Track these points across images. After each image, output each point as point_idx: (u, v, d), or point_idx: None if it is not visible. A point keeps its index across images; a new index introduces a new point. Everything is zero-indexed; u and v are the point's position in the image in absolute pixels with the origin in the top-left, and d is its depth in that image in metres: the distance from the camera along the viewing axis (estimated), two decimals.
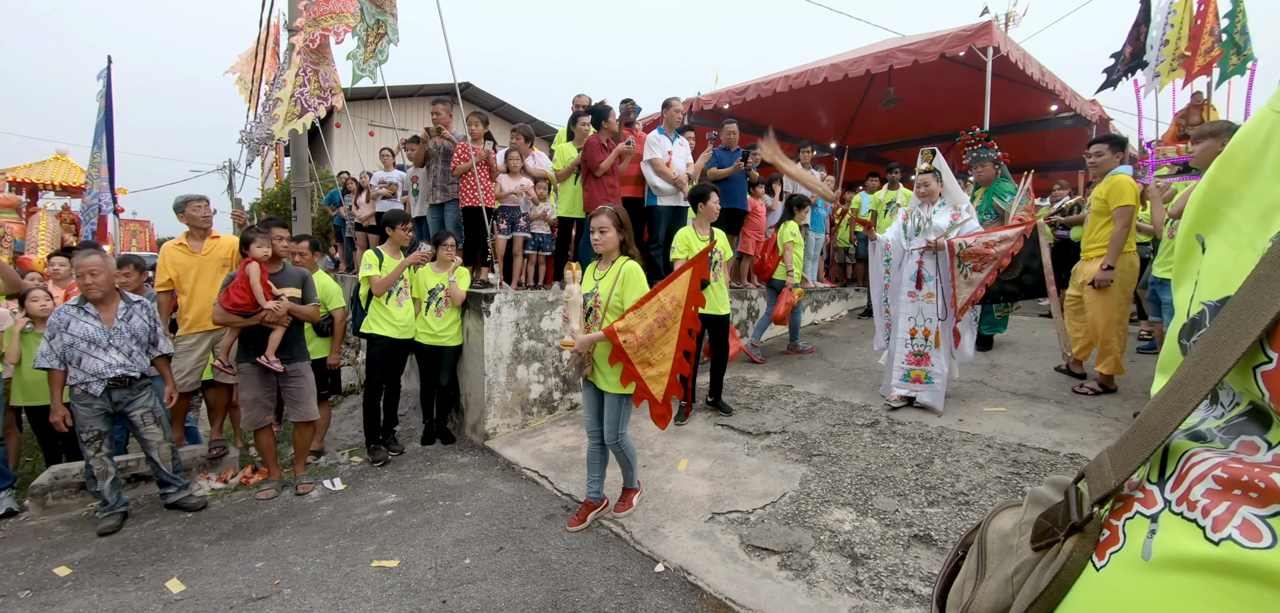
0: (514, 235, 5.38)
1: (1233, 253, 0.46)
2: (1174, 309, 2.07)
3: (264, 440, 4.12)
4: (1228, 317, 0.41)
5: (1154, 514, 0.44)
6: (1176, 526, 0.42)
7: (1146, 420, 0.46)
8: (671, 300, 3.00)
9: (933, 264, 4.23)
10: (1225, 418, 0.44)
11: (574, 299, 3.13)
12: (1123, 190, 3.99)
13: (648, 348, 2.94)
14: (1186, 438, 0.46)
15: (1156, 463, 0.47)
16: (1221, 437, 0.43)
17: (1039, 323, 6.71)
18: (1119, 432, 3.62)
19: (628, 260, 3.08)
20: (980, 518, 2.46)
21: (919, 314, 4.30)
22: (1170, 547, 0.41)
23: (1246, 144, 0.47)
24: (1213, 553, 0.38)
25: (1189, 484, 0.42)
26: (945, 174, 4.32)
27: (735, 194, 6.25)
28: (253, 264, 3.84)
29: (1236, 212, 0.47)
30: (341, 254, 9.23)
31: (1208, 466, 0.41)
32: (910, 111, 10.01)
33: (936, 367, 4.25)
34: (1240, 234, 0.45)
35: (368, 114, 14.67)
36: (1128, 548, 0.45)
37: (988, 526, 0.62)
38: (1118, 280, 4.10)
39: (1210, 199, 0.50)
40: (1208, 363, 0.41)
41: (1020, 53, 7.65)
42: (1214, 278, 0.47)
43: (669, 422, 3.13)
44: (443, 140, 5.31)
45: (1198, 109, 5.71)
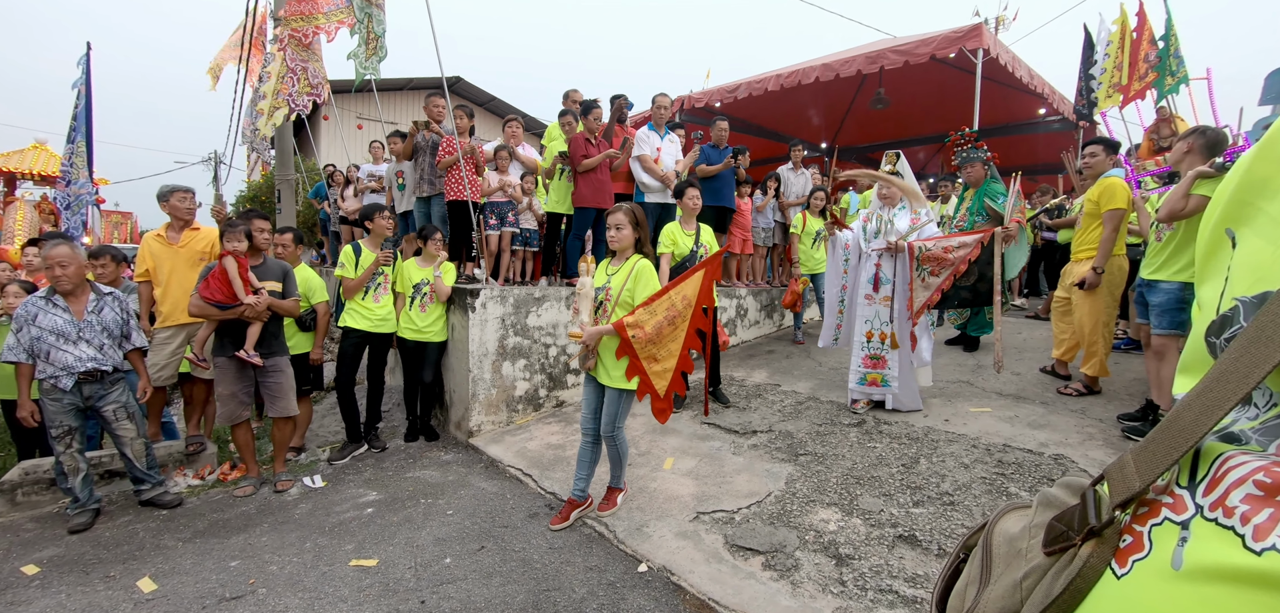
0: (502, 231, 5.32)
1: (1270, 247, 0.43)
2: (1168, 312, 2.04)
3: (241, 436, 4.04)
4: (1271, 313, 0.38)
5: (1184, 521, 0.41)
6: (1211, 533, 0.39)
7: (1177, 421, 0.42)
8: (682, 299, 3.01)
9: (891, 267, 4.24)
10: (1261, 419, 0.42)
11: (585, 291, 3.13)
12: (1114, 193, 4.00)
13: (655, 344, 2.96)
14: (1219, 440, 0.43)
15: (1186, 466, 0.44)
16: (1258, 439, 0.41)
17: (1025, 324, 6.75)
18: (1103, 433, 3.65)
19: (641, 258, 3.11)
20: (966, 519, 2.42)
21: (876, 317, 4.30)
22: (1204, 556, 0.38)
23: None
24: (1253, 563, 0.35)
25: (1226, 489, 0.39)
26: (908, 177, 4.33)
27: (723, 192, 6.22)
28: (230, 257, 3.76)
29: (1273, 204, 0.44)
30: (327, 248, 9.12)
31: (1248, 470, 0.39)
32: (900, 112, 10.05)
33: (892, 370, 4.24)
34: (1277, 228, 0.43)
35: (355, 107, 14.51)
36: (1155, 556, 0.42)
37: (993, 528, 0.59)
38: (1105, 283, 4.11)
39: (1243, 192, 0.47)
40: (1248, 360, 0.39)
41: (1010, 56, 7.68)
42: (1249, 273, 0.44)
43: (669, 417, 3.13)
44: (431, 134, 5.23)
45: (1166, 122, 5.87)
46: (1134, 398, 4.16)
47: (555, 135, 5.87)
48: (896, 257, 4.18)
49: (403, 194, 5.92)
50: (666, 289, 3.00)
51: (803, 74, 8.39)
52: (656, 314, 2.94)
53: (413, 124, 5.34)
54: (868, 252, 4.31)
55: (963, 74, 7.63)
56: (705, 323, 3.09)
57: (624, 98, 5.87)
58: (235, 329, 3.85)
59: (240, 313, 3.77)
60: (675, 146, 5.84)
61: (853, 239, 4.48)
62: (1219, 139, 3.38)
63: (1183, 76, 5.67)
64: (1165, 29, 5.59)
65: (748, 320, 6.94)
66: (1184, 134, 3.55)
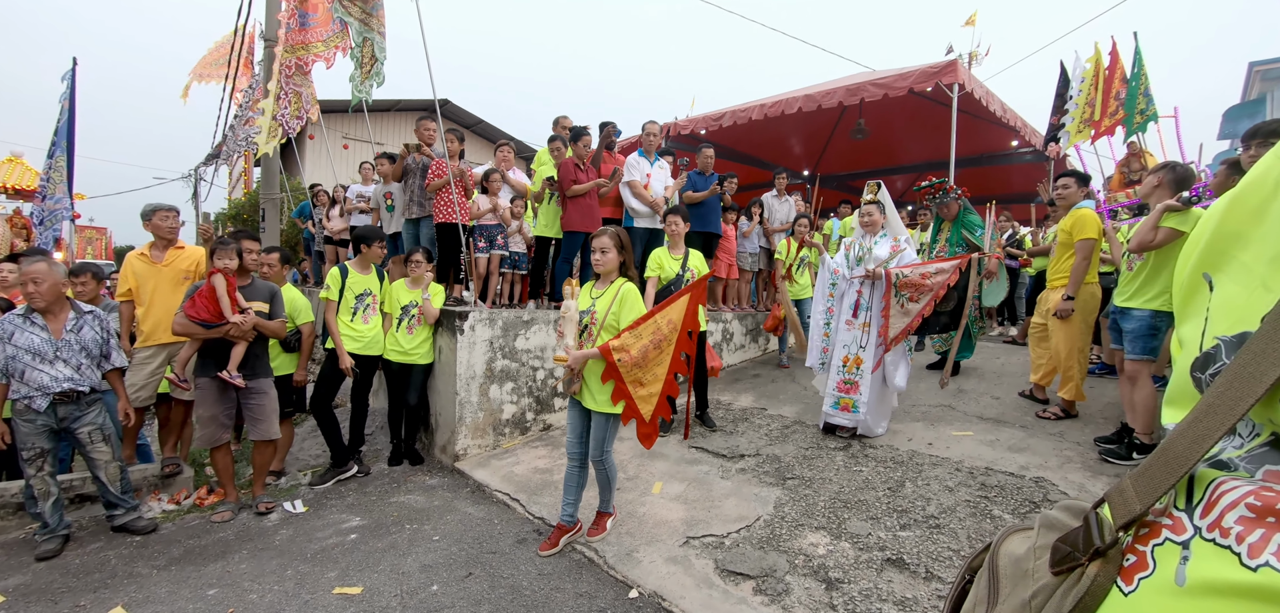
0: (491, 253, 5.32)
1: (1244, 292, 0.47)
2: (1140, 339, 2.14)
3: (220, 460, 3.95)
4: (1251, 352, 0.42)
5: (1184, 541, 0.44)
6: (1209, 552, 0.42)
7: (1171, 448, 0.46)
8: (668, 324, 3.02)
9: (869, 293, 4.32)
10: (1246, 448, 0.45)
11: (570, 315, 3.13)
12: (1086, 224, 4.15)
13: (641, 368, 2.96)
14: (1211, 467, 0.46)
15: (1182, 490, 0.47)
16: (1245, 466, 0.44)
17: (1003, 350, 6.90)
18: (1081, 456, 3.74)
19: (626, 282, 3.12)
20: (952, 542, 2.47)
21: (854, 342, 4.37)
22: (1205, 573, 0.41)
23: (1256, 188, 0.49)
24: (1250, 579, 0.38)
25: (1221, 512, 0.42)
26: (888, 207, 4.45)
27: (709, 218, 6.31)
28: (219, 275, 3.72)
29: (1246, 253, 0.48)
30: (310, 268, 9.01)
31: (1240, 494, 0.42)
32: (880, 142, 10.30)
33: (863, 395, 4.29)
34: (1252, 275, 0.47)
35: (342, 127, 14.46)
36: (1159, 574, 0.45)
37: (998, 549, 0.61)
38: (1079, 310, 4.25)
39: (1218, 240, 0.52)
40: (1232, 394, 0.42)
41: (983, 90, 7.95)
42: (1227, 314, 0.48)
43: (654, 441, 3.12)
44: (422, 157, 5.25)
45: (1136, 157, 6.13)
46: (1109, 422, 4.27)
47: (544, 160, 5.92)
48: (875, 283, 4.26)
49: (392, 215, 5.91)
50: (652, 313, 3.01)
51: (786, 104, 8.58)
52: (642, 338, 2.95)
53: (403, 146, 5.36)
54: (851, 278, 4.39)
55: (939, 107, 7.88)
56: (690, 347, 3.09)
57: (612, 125, 5.96)
58: (219, 350, 3.79)
59: (225, 332, 3.71)
60: (664, 172, 5.93)
61: (840, 264, 4.56)
62: (1187, 175, 3.54)
63: (1152, 114, 5.92)
64: (1135, 68, 5.86)
65: (733, 344, 6.99)
66: (1154, 169, 3.71)
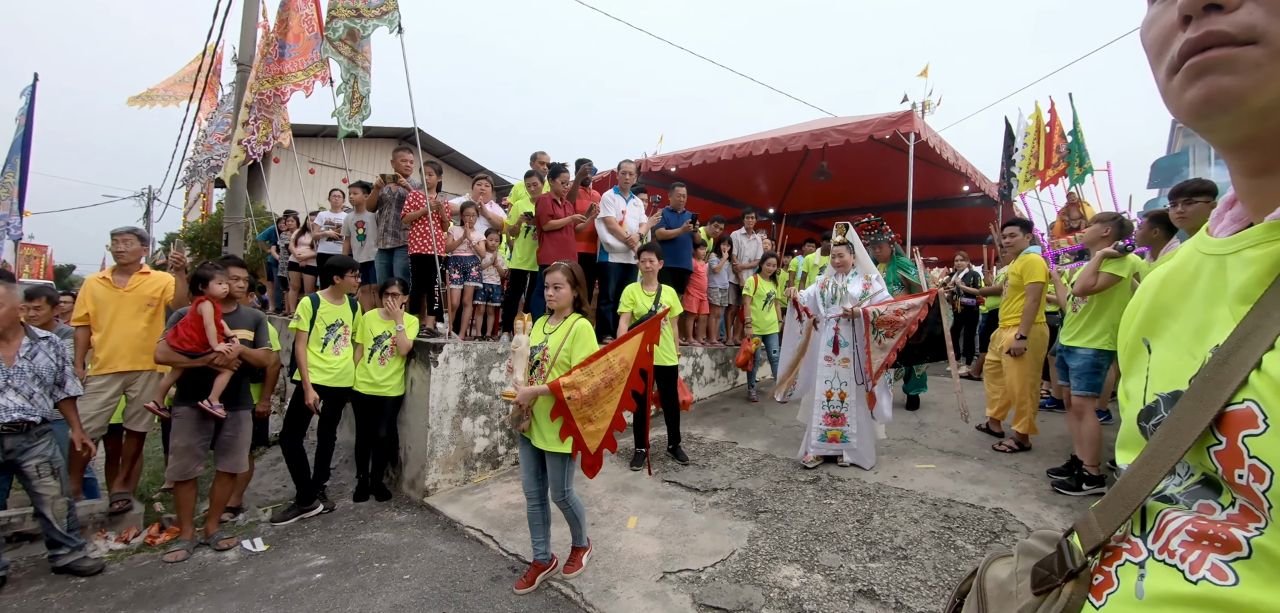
0: (465, 285, 5.31)
1: (1175, 357, 0.57)
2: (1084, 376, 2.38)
3: (184, 494, 3.78)
4: (1183, 408, 0.51)
5: (1141, 562, 0.52)
6: (1161, 570, 0.50)
7: (1125, 487, 0.55)
8: (620, 362, 3.02)
9: (848, 330, 4.50)
10: (1184, 485, 0.53)
11: (521, 349, 3.09)
12: (1034, 268, 4.45)
13: (591, 405, 2.94)
14: (1158, 500, 0.55)
15: (1137, 520, 0.56)
16: (1184, 500, 0.52)
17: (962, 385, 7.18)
18: (1035, 487, 3.93)
19: (580, 318, 3.10)
20: (919, 572, 2.59)
21: (835, 377, 4.52)
22: (1158, 587, 0.49)
23: (1180, 272, 0.60)
24: (1192, 591, 0.46)
25: (1167, 537, 0.51)
26: (857, 247, 4.66)
27: (681, 254, 6.45)
28: (206, 303, 3.63)
29: (1176, 324, 0.58)
30: (271, 294, 8.76)
31: (1180, 523, 0.50)
32: (841, 184, 10.74)
33: (852, 426, 4.46)
34: (1180, 343, 0.57)
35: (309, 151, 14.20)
36: (1122, 590, 0.53)
37: (984, 574, 0.69)
38: (1030, 348, 4.51)
39: (1154, 312, 0.62)
40: (1170, 443, 0.51)
41: (937, 139, 8.42)
42: (1163, 375, 0.58)
43: (598, 471, 3.10)
44: (399, 187, 5.24)
45: (1075, 206, 6.63)
46: (1060, 454, 4.51)
47: (520, 195, 5.98)
48: (853, 321, 4.44)
49: (362, 245, 5.84)
50: (605, 351, 3.00)
51: (754, 145, 8.90)
52: (594, 376, 2.93)
53: (381, 176, 5.34)
54: (826, 317, 4.55)
55: (897, 153, 8.30)
56: (640, 384, 3.12)
57: (588, 162, 6.08)
58: (200, 378, 3.68)
59: (209, 361, 3.61)
60: (639, 209, 6.05)
61: (810, 300, 4.73)
62: (1127, 226, 3.88)
63: (1088, 168, 6.44)
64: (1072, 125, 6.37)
65: (704, 378, 7.09)
66: (1100, 217, 4.03)
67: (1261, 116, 0.47)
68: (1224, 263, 0.53)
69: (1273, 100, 0.46)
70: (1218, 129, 0.51)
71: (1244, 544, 0.44)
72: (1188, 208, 3.42)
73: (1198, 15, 0.48)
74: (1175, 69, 0.50)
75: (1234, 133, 0.50)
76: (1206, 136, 0.53)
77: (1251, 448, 0.44)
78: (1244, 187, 0.53)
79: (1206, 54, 0.47)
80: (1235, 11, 0.46)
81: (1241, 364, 0.46)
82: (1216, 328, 0.51)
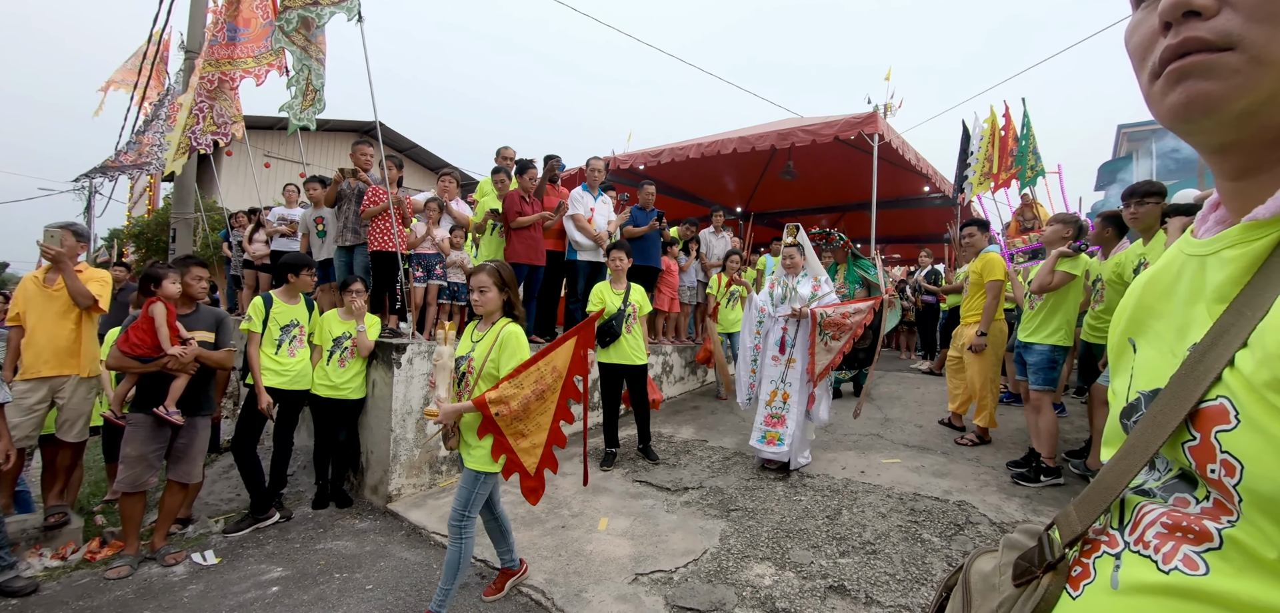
0: (428, 283, 5.17)
1: (1158, 356, 0.58)
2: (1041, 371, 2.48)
3: (131, 507, 3.56)
4: (1160, 404, 0.52)
5: (1117, 553, 0.53)
6: (1135, 561, 0.51)
7: (1103, 480, 0.56)
8: (552, 371, 2.75)
9: (794, 330, 4.49)
10: (1161, 480, 0.54)
11: (443, 363, 2.83)
12: (993, 267, 4.57)
13: (523, 420, 2.68)
14: (1135, 494, 0.56)
15: (1115, 512, 0.57)
16: (1161, 494, 0.53)
17: (924, 380, 7.37)
18: (996, 479, 4.04)
19: (510, 323, 2.80)
20: (887, 566, 2.63)
21: (780, 378, 4.51)
22: (1133, 578, 0.50)
23: (1164, 274, 0.61)
24: (1165, 581, 0.47)
25: (1142, 529, 0.52)
26: (807, 248, 4.67)
27: (649, 252, 6.43)
28: (158, 304, 3.42)
29: (1159, 324, 0.60)
30: (224, 292, 8.39)
31: (1155, 515, 0.51)
32: (807, 184, 10.89)
33: (790, 427, 4.39)
34: (1163, 342, 0.58)
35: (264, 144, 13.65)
36: (1098, 580, 0.53)
37: (970, 568, 0.70)
38: (990, 345, 4.64)
39: (1139, 312, 0.63)
40: (1147, 438, 0.52)
41: (899, 141, 8.61)
42: (1146, 373, 0.59)
43: (540, 496, 2.82)
44: (358, 182, 5.06)
45: (1029, 207, 6.87)
46: (1019, 446, 4.65)
47: (487, 191, 5.85)
48: (800, 322, 4.44)
49: (322, 242, 5.63)
50: (535, 359, 2.71)
51: (721, 144, 8.93)
52: (524, 388, 2.64)
53: (339, 171, 5.15)
54: (775, 317, 4.55)
55: (861, 153, 8.45)
56: (577, 394, 2.87)
57: (557, 158, 6.00)
58: (157, 384, 3.47)
59: (163, 365, 3.41)
60: (608, 207, 6.00)
61: (763, 302, 4.71)
62: (1083, 227, 4.03)
63: (1040, 170, 6.69)
64: (1024, 129, 6.60)
65: (673, 377, 7.09)
66: (1059, 218, 4.18)
67: (1240, 121, 0.48)
68: (1204, 263, 0.54)
69: (1250, 105, 0.47)
70: (1198, 133, 0.52)
71: (1215, 536, 0.45)
72: (1140, 209, 3.56)
73: (1177, 22, 0.49)
74: (1157, 74, 0.52)
75: (1214, 137, 0.51)
76: (1188, 140, 0.54)
77: (1223, 443, 0.45)
78: (1226, 189, 0.55)
79: (1186, 60, 0.49)
80: (1213, 18, 0.47)
81: (1216, 361, 0.47)
82: (1195, 327, 0.53)
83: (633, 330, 4.68)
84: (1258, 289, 0.47)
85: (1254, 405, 0.42)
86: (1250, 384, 0.43)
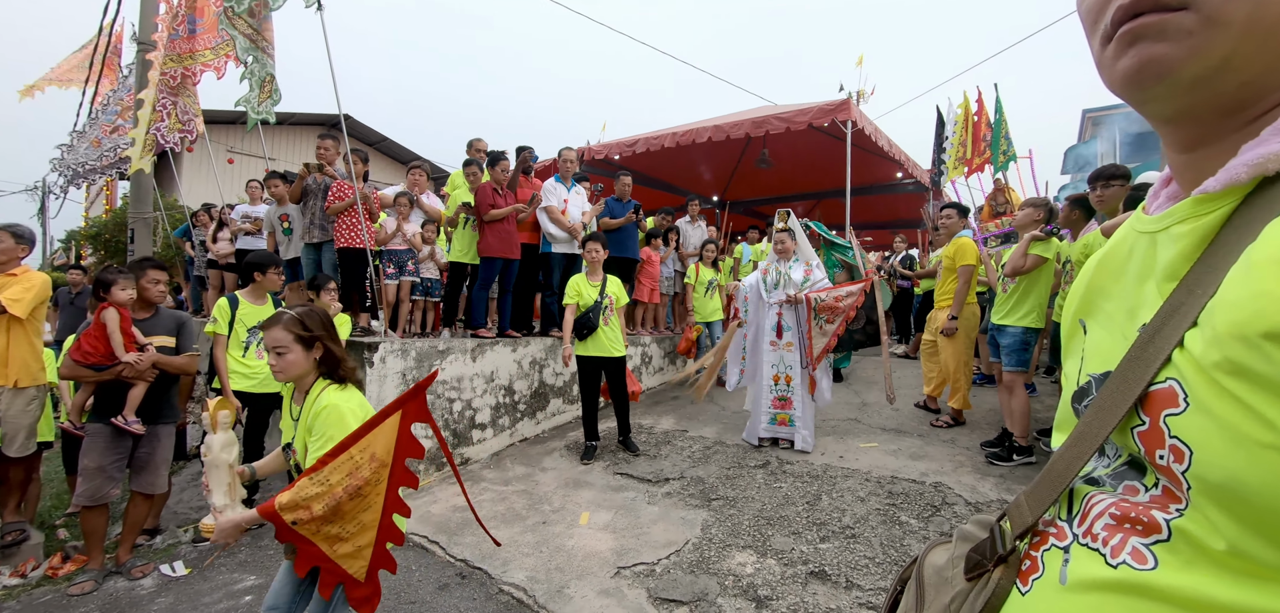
0: (401, 280, 5.06)
1: (1108, 337, 0.56)
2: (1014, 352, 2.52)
3: (93, 521, 3.41)
4: (1110, 388, 0.50)
5: (1066, 546, 0.52)
6: (1084, 555, 0.49)
7: (1053, 469, 0.54)
8: (372, 460, 1.96)
9: (791, 315, 4.60)
10: (1111, 467, 0.53)
11: (215, 460, 2.04)
12: (966, 252, 4.64)
13: (335, 522, 1.95)
14: (1085, 483, 0.54)
15: (1064, 503, 0.55)
16: (1110, 482, 0.52)
17: (899, 364, 7.48)
18: (971, 460, 4.11)
19: (329, 387, 2.05)
20: (867, 550, 2.64)
21: (780, 362, 4.63)
22: (1081, 572, 0.48)
23: (1116, 253, 0.59)
24: (1113, 575, 0.46)
25: (1091, 521, 0.50)
26: (798, 233, 4.76)
27: (627, 243, 6.40)
28: (110, 310, 3.27)
29: (1109, 305, 0.58)
30: (188, 294, 8.12)
31: (1104, 505, 0.50)
32: (782, 172, 10.94)
33: (798, 410, 4.57)
34: (1114, 323, 0.56)
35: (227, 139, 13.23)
36: (1047, 575, 0.52)
37: (923, 561, 0.68)
38: (962, 328, 4.72)
39: (1090, 293, 0.62)
40: (1097, 423, 0.50)
41: (872, 127, 8.68)
42: (1096, 356, 0.57)
43: (376, 606, 2.08)
44: (324, 177, 4.92)
45: (1001, 191, 7.02)
46: (992, 427, 4.75)
47: (459, 184, 5.75)
48: (796, 307, 4.51)
49: (288, 239, 5.46)
50: (346, 444, 1.93)
51: (697, 133, 8.91)
52: (332, 483, 1.90)
53: (304, 166, 4.99)
54: (769, 302, 4.61)
55: (835, 140, 8.50)
56: (413, 480, 2.08)
57: (529, 150, 5.91)
58: (114, 392, 3.33)
59: (118, 374, 3.27)
60: (581, 198, 5.94)
61: (751, 288, 4.77)
62: (1053, 211, 4.11)
63: (1012, 155, 6.80)
64: (996, 114, 6.70)
65: (652, 368, 7.08)
66: (1031, 202, 4.25)
67: (1193, 87, 0.46)
68: (1155, 240, 0.52)
69: (1202, 71, 0.45)
70: (1150, 100, 0.50)
71: (1164, 527, 0.44)
72: (1105, 192, 3.64)
73: None
74: (1108, 38, 0.49)
75: (1167, 105, 0.49)
76: (1140, 110, 0.52)
77: (1172, 428, 0.43)
78: (1177, 162, 0.53)
79: (1138, 22, 0.46)
80: None
81: (1165, 342, 0.45)
82: (1145, 306, 0.51)
83: (610, 322, 4.65)
84: (1208, 265, 0.45)
85: (1203, 387, 0.41)
86: (1199, 365, 0.41)
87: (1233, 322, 0.39)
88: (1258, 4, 0.42)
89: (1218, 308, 0.41)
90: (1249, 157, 0.43)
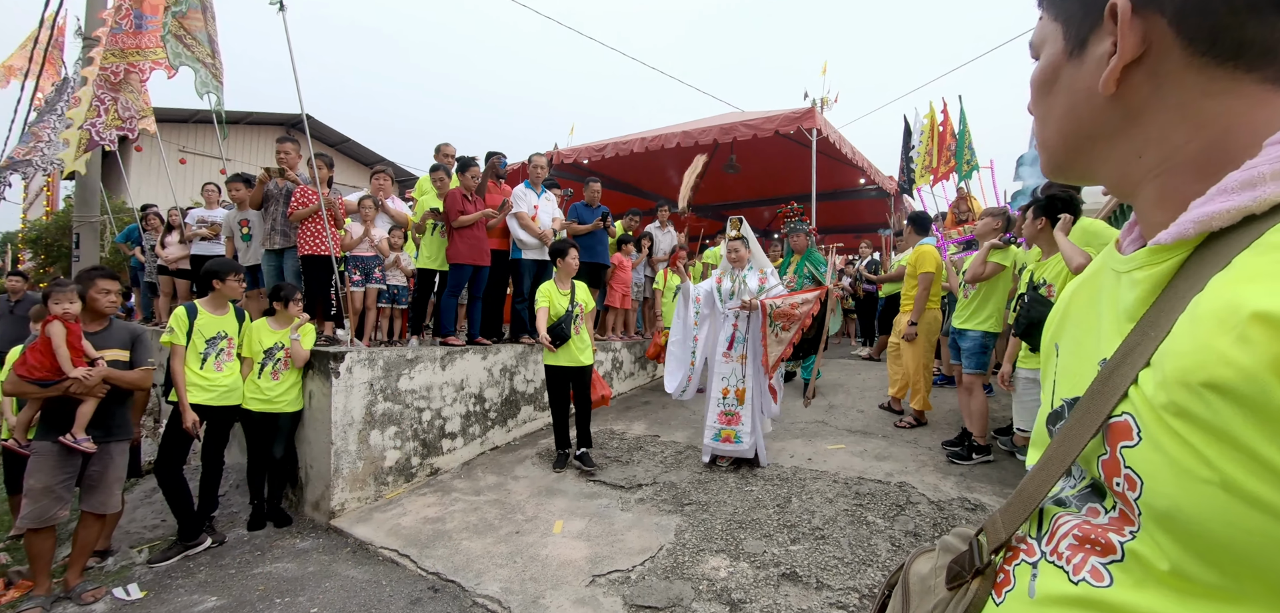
0: (367, 287, 4.96)
1: (1078, 364, 0.60)
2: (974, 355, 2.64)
3: (40, 544, 3.23)
4: (1077, 415, 0.54)
5: (1034, 562, 0.56)
6: (1050, 571, 0.53)
7: (1025, 488, 0.58)
8: None
9: (745, 326, 4.48)
10: (1077, 488, 0.57)
11: None
12: (925, 259, 4.80)
13: None
14: (1053, 503, 0.59)
15: (1034, 521, 0.60)
16: (1076, 503, 0.56)
17: (864, 366, 7.68)
18: (933, 459, 4.25)
19: None
20: (836, 551, 2.71)
21: (732, 374, 4.47)
22: (1047, 587, 0.53)
23: (1090, 283, 0.63)
24: (1074, 592, 0.50)
25: (1058, 539, 0.54)
26: (751, 240, 4.69)
27: (597, 249, 6.40)
28: (56, 323, 3.11)
29: (1079, 332, 0.62)
30: (138, 301, 7.77)
31: (1069, 525, 0.54)
32: (749, 177, 11.12)
33: (745, 424, 4.38)
34: (1083, 350, 0.60)
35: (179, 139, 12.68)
36: (1017, 588, 0.56)
37: (909, 568, 0.72)
38: (922, 333, 4.88)
39: (1065, 318, 0.66)
40: (1064, 448, 0.55)
41: (837, 135, 8.91)
42: (1068, 380, 0.62)
43: None
44: (285, 182, 4.78)
45: (964, 200, 7.28)
46: (952, 427, 4.93)
47: (426, 189, 5.66)
48: (750, 315, 4.46)
49: (248, 246, 5.29)
50: None
51: (665, 138, 8.99)
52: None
53: (264, 170, 4.84)
54: (725, 312, 4.55)
55: (801, 147, 8.69)
56: None
57: (500, 155, 5.86)
58: (63, 408, 3.17)
59: (65, 390, 3.11)
60: (552, 204, 5.92)
61: (706, 294, 4.65)
62: (1011, 220, 4.27)
63: (975, 165, 7.07)
64: (960, 125, 6.96)
65: (623, 373, 7.10)
66: (990, 212, 4.40)
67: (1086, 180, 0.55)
68: (1119, 280, 0.56)
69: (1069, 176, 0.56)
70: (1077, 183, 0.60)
71: (1119, 549, 0.48)
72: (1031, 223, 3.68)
73: None
74: None
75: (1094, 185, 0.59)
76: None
77: (1126, 459, 0.47)
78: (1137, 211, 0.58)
79: None
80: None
81: (1122, 379, 0.49)
82: (1108, 342, 0.55)
83: (580, 331, 4.63)
84: (1161, 310, 0.49)
85: (1153, 424, 0.44)
86: (1151, 404, 0.45)
87: (1179, 369, 0.42)
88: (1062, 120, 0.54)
89: (1167, 354, 0.45)
90: (1196, 214, 0.47)
